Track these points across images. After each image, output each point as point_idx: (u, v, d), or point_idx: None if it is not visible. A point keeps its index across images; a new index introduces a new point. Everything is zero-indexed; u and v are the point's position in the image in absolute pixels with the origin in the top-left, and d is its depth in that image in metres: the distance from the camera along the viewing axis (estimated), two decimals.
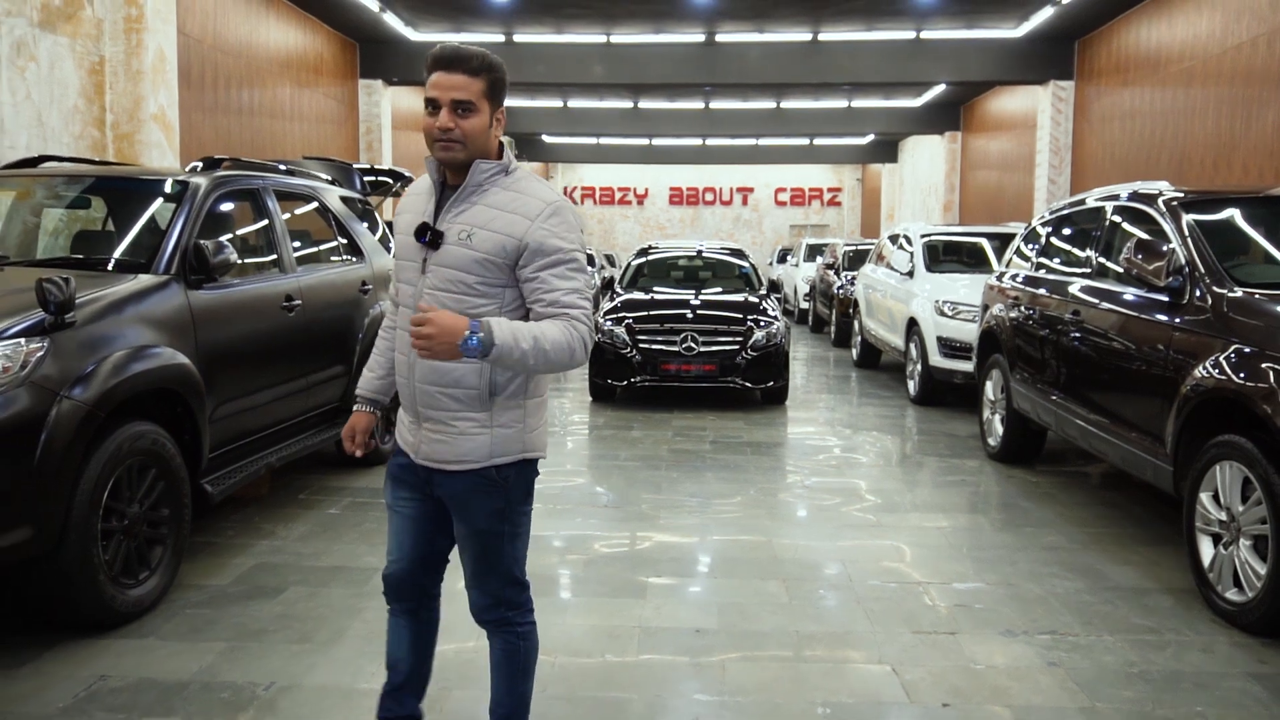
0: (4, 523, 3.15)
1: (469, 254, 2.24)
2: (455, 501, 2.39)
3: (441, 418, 2.31)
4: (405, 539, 2.49)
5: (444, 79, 2.23)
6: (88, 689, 3.13)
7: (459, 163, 2.27)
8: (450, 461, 2.32)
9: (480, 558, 2.41)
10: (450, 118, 2.22)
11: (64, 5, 7.33)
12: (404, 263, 2.37)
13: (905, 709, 3.10)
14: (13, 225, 5.16)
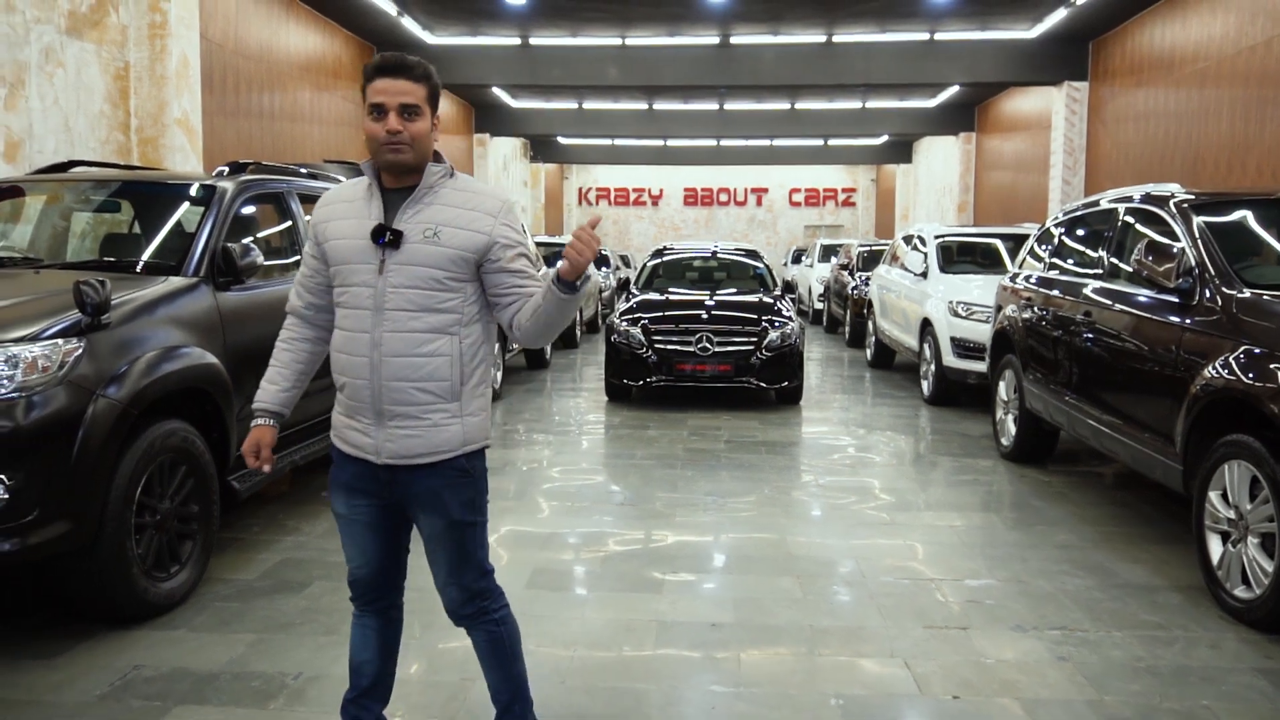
0: (43, 517, 3.26)
1: (440, 250, 2.31)
2: (426, 497, 2.40)
3: (412, 412, 2.34)
4: (368, 545, 2.49)
5: (390, 84, 2.29)
6: (123, 678, 3.24)
7: (406, 165, 2.33)
8: (423, 455, 2.36)
9: (456, 551, 2.44)
10: (399, 121, 2.29)
11: (90, 12, 7.48)
12: (353, 266, 2.35)
13: (916, 701, 3.17)
14: (43, 229, 5.29)
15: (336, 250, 2.39)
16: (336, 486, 2.48)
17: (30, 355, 3.32)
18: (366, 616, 2.58)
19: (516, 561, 4.52)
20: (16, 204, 5.35)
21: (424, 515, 2.43)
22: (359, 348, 2.35)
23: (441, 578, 2.48)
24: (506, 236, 2.37)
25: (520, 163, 25.56)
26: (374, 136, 2.31)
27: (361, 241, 2.34)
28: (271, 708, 3.05)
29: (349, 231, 2.37)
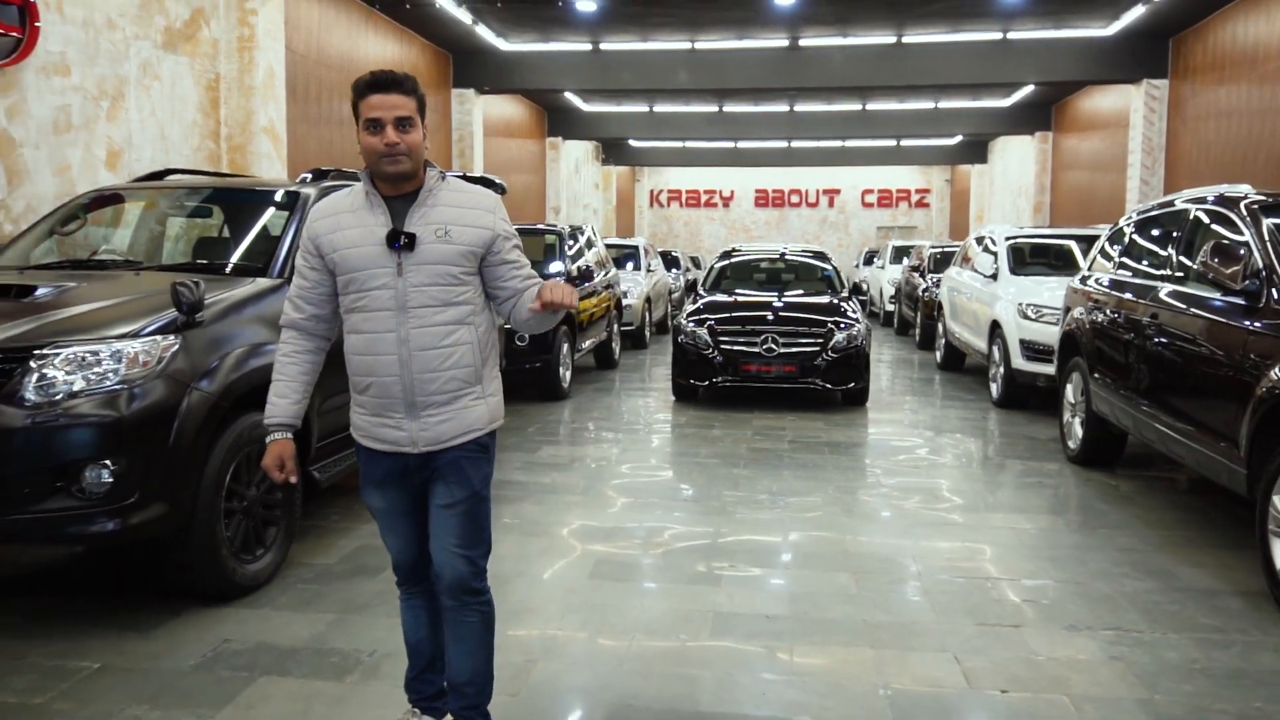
0: (142, 500, 3.53)
1: (452, 248, 2.48)
2: (452, 469, 2.54)
3: (443, 400, 2.50)
4: (408, 531, 2.64)
5: (384, 99, 2.42)
6: (214, 650, 3.48)
7: (405, 173, 2.46)
8: (457, 435, 2.52)
9: (470, 522, 2.57)
10: (395, 133, 2.42)
11: (184, 28, 7.89)
12: (369, 272, 2.46)
13: (964, 694, 3.24)
14: (141, 233, 5.63)
15: (349, 259, 2.48)
16: (369, 484, 2.62)
17: (132, 351, 3.59)
18: (414, 598, 2.72)
19: (581, 553, 4.68)
20: (117, 210, 5.71)
21: (445, 486, 2.55)
22: (386, 347, 2.47)
23: (450, 547, 2.56)
24: (504, 230, 2.57)
25: (592, 165, 25.85)
26: (372, 149, 2.43)
27: (374, 248, 2.46)
28: (348, 681, 3.26)
29: (358, 240, 2.48)
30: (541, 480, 6.10)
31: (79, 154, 6.67)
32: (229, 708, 3.07)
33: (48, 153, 6.39)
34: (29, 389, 3.44)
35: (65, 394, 3.46)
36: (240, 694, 3.16)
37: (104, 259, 5.04)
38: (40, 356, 3.48)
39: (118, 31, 7.05)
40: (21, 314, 3.71)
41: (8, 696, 3.13)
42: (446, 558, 2.56)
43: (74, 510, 3.45)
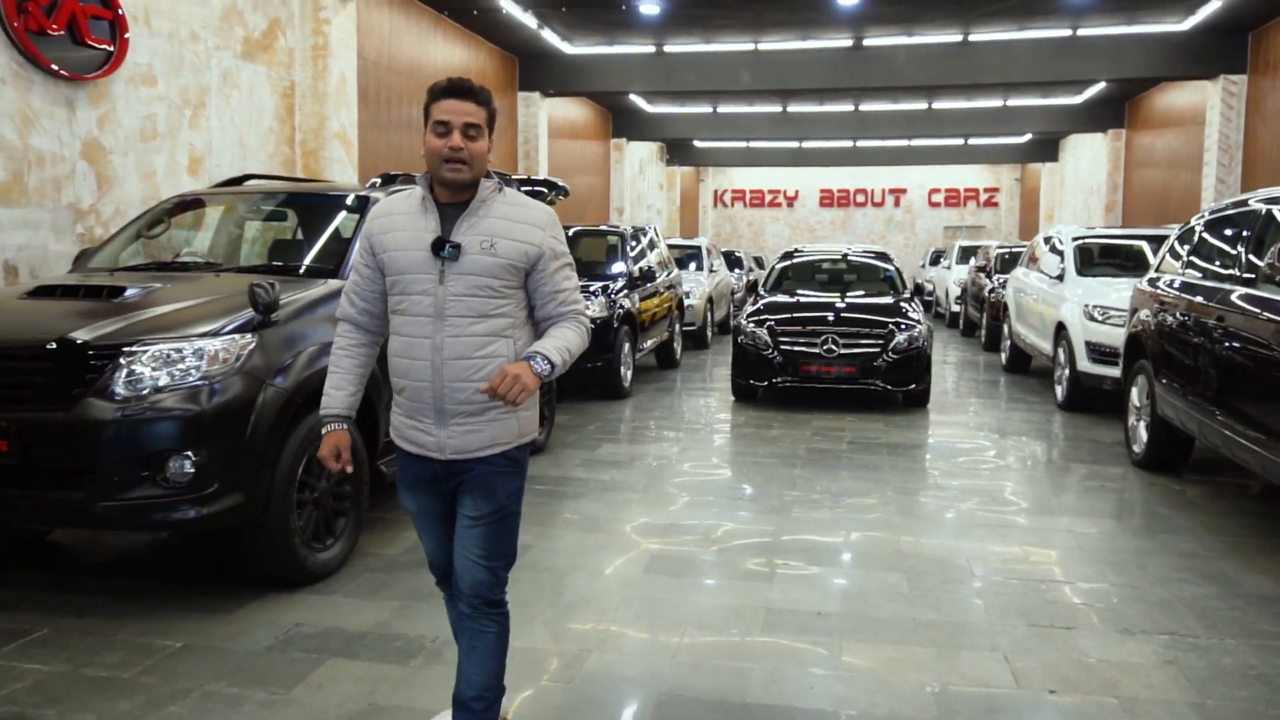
0: (221, 490, 3.74)
1: (495, 261, 2.47)
2: (479, 483, 2.54)
3: (474, 410, 2.49)
4: (441, 535, 2.65)
5: (457, 105, 2.44)
6: (286, 633, 3.67)
7: (464, 182, 2.47)
8: (485, 447, 2.52)
9: (496, 535, 2.57)
10: (461, 139, 2.43)
11: (262, 38, 8.19)
12: (413, 276, 2.48)
13: (1011, 693, 3.27)
14: (220, 236, 5.90)
15: (396, 261, 2.51)
16: (403, 485, 2.65)
17: (213, 348, 3.80)
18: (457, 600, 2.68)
19: (638, 548, 4.79)
20: (198, 214, 5.98)
21: (472, 499, 2.55)
22: (421, 352, 2.48)
23: (474, 556, 2.57)
24: (554, 248, 2.55)
25: (656, 166, 25.97)
26: (436, 152, 2.44)
27: (421, 253, 2.47)
28: (412, 665, 3.41)
29: (407, 243, 2.49)
30: (601, 477, 6.23)
31: (164, 160, 7.00)
32: (300, 686, 3.24)
33: (135, 159, 6.72)
34: (119, 384, 3.66)
35: (152, 389, 3.68)
36: (311, 674, 3.34)
37: (186, 261, 5.30)
38: (129, 353, 3.71)
39: (200, 43, 7.37)
40: (113, 313, 3.95)
41: (99, 670, 3.35)
42: (467, 565, 2.58)
43: (159, 498, 3.66)
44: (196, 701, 3.13)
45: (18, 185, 5.82)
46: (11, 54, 5.77)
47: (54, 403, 3.64)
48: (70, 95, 6.19)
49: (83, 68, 6.20)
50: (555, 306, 2.58)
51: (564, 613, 3.92)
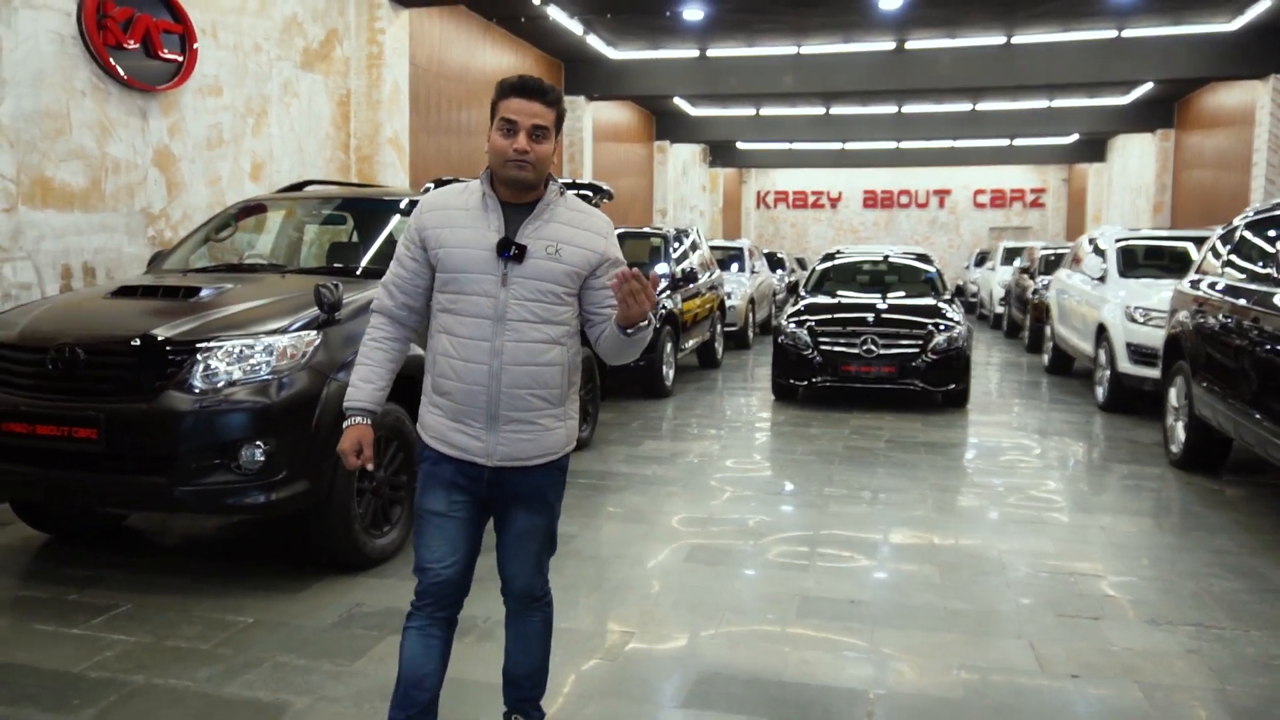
0: (289, 477, 4.00)
1: (559, 267, 2.43)
2: (530, 496, 2.52)
3: (528, 417, 2.44)
4: (461, 542, 2.51)
5: (525, 105, 2.37)
6: (349, 612, 3.92)
7: (526, 183, 2.41)
8: (535, 456, 2.47)
9: (545, 544, 2.60)
10: (527, 141, 2.37)
11: (320, 48, 8.52)
12: (473, 275, 2.41)
13: (1035, 676, 3.42)
14: (281, 239, 6.20)
15: (455, 258, 2.42)
16: (435, 484, 2.50)
17: (282, 345, 4.07)
18: (434, 626, 2.56)
19: (679, 539, 4.99)
20: (260, 218, 6.29)
21: (523, 512, 2.53)
22: (477, 355, 2.41)
23: (526, 569, 2.59)
24: (614, 255, 2.53)
25: (699, 168, 26.14)
26: (501, 151, 2.38)
27: (484, 252, 2.40)
28: (465, 642, 3.63)
29: (469, 241, 2.41)
30: (643, 472, 6.43)
31: (228, 167, 7.33)
32: (362, 660, 3.49)
33: (201, 166, 7.06)
34: (196, 378, 3.94)
35: (226, 382, 3.96)
36: (372, 649, 3.58)
37: (253, 263, 5.60)
38: (205, 349, 3.99)
39: (263, 54, 7.71)
40: (189, 312, 4.24)
41: (180, 641, 3.62)
42: (522, 572, 2.59)
43: (232, 484, 3.93)
44: (269, 671, 3.38)
45: (96, 191, 6.18)
46: (92, 68, 6.13)
47: (137, 395, 3.93)
48: (144, 106, 6.54)
49: (155, 79, 6.55)
50: (609, 311, 2.50)
51: (607, 598, 4.13)
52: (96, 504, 4.45)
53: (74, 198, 6.03)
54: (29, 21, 5.71)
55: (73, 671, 3.37)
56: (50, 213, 5.88)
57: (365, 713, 3.09)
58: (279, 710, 3.11)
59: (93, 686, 3.26)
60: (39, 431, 3.99)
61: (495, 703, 2.89)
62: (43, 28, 5.80)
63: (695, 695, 3.25)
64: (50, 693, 3.22)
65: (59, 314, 4.37)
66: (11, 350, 4.16)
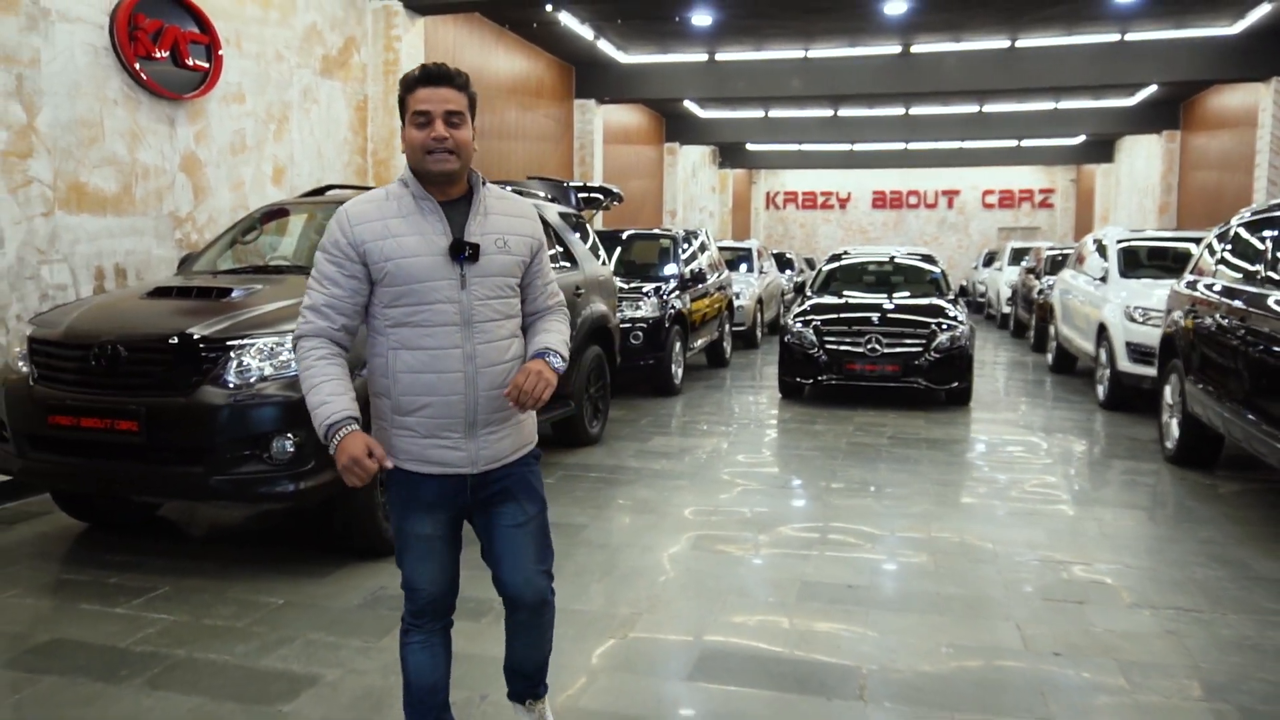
0: (317, 467, 4.22)
1: (510, 259, 2.41)
2: (520, 486, 2.50)
3: (503, 417, 2.42)
4: (448, 560, 2.51)
5: (434, 93, 2.28)
6: (373, 594, 4.16)
7: (452, 173, 2.32)
8: (515, 451, 2.48)
9: (541, 535, 2.56)
10: (445, 128, 2.28)
11: (339, 55, 8.78)
12: (431, 284, 2.30)
13: (1019, 654, 3.63)
14: (303, 241, 6.44)
15: (407, 269, 2.29)
16: (415, 509, 2.43)
17: None
18: (434, 636, 2.57)
19: (685, 529, 5.21)
20: (281, 222, 6.54)
21: (516, 504, 2.49)
22: (450, 364, 2.33)
23: (528, 568, 2.53)
24: (543, 239, 2.55)
25: (709, 169, 26.35)
26: (419, 144, 2.29)
27: (436, 258, 2.30)
28: (483, 621, 3.87)
29: (416, 248, 2.30)
30: (652, 466, 6.65)
31: (251, 171, 7.59)
32: (388, 638, 3.72)
33: (226, 171, 7.32)
34: (230, 373, 4.19)
35: (258, 377, 4.20)
36: (395, 628, 3.77)
37: (279, 264, 5.85)
38: (238, 347, 4.23)
39: (284, 62, 7.96)
40: (221, 312, 4.48)
41: (217, 620, 3.87)
42: (529, 578, 2.53)
43: (263, 473, 4.18)
44: (301, 647, 3.62)
45: (127, 196, 6.44)
46: (123, 78, 6.39)
47: (175, 389, 4.18)
48: (171, 113, 6.80)
49: (182, 88, 6.81)
50: (545, 299, 2.57)
51: (617, 582, 4.36)
52: (137, 493, 4.71)
53: (106, 202, 6.29)
54: (65, 34, 5.98)
55: (119, 646, 3.62)
56: (85, 217, 6.14)
57: (392, 684, 3.32)
58: (312, 681, 3.35)
59: (138, 659, 3.51)
60: (83, 424, 4.24)
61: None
62: (78, 40, 6.06)
63: (699, 670, 3.47)
64: (100, 664, 3.46)
65: (99, 313, 4.62)
66: (56, 348, 4.42)
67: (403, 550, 2.51)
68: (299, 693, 3.26)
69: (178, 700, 3.19)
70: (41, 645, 3.64)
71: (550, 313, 2.59)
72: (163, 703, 3.18)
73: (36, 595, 4.19)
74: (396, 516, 2.50)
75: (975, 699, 3.26)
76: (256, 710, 3.14)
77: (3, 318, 5.65)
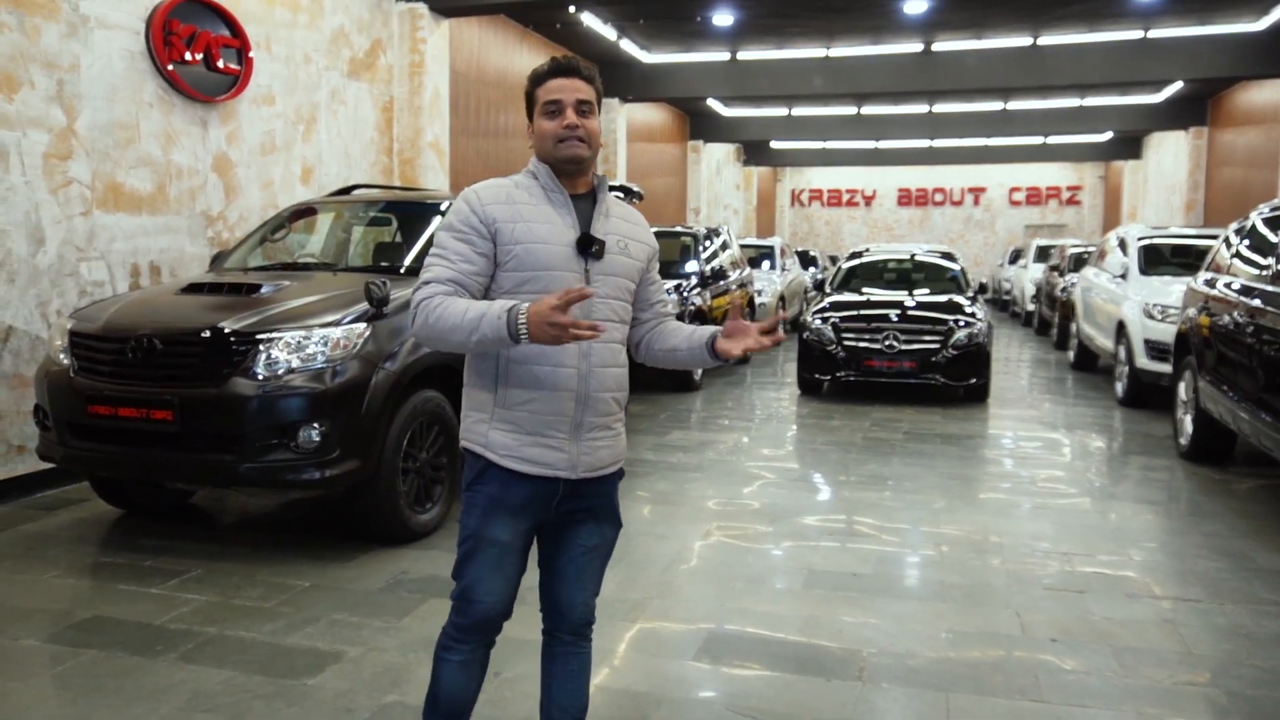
0: (341, 456, 4.42)
1: (631, 263, 2.37)
2: (604, 508, 2.40)
3: (607, 422, 2.34)
4: (514, 575, 2.34)
5: (565, 83, 2.29)
6: (395, 579, 4.33)
7: (583, 161, 2.30)
8: (611, 464, 2.37)
9: (606, 560, 2.46)
10: (576, 116, 2.28)
11: (365, 57, 8.98)
12: (556, 273, 2.24)
13: (1017, 640, 3.74)
14: (330, 239, 6.64)
15: (536, 255, 2.24)
16: (500, 512, 2.27)
17: (335, 336, 4.49)
18: (479, 650, 2.41)
19: (700, 520, 5.35)
20: (310, 220, 6.74)
21: (597, 524, 2.40)
22: (566, 358, 2.25)
23: (587, 593, 2.43)
24: (657, 249, 2.51)
25: (733, 167, 26.41)
26: (550, 134, 2.28)
27: (564, 249, 2.25)
28: None
29: (548, 236, 2.26)
30: (670, 460, 6.80)
31: (280, 171, 7.81)
32: (408, 618, 3.89)
33: (256, 171, 7.53)
34: (259, 366, 4.37)
35: (285, 369, 4.38)
36: (417, 609, 3.98)
37: (307, 262, 6.04)
38: (267, 340, 4.42)
39: (312, 64, 8.17)
40: (251, 307, 4.67)
41: (245, 601, 4.06)
42: (580, 600, 2.42)
43: (291, 462, 4.36)
44: (326, 626, 3.80)
45: (161, 196, 6.66)
46: (159, 82, 6.61)
47: (208, 381, 4.38)
48: (204, 116, 7.02)
49: (214, 91, 7.03)
50: (661, 306, 2.52)
51: (630, 568, 4.50)
52: (171, 479, 4.92)
53: (142, 202, 6.52)
54: (103, 40, 6.20)
55: (154, 623, 3.81)
56: (121, 216, 6.37)
57: (411, 660, 3.49)
58: (336, 657, 3.52)
59: (172, 635, 3.70)
60: (120, 414, 4.45)
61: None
62: (115, 46, 6.28)
63: (706, 650, 3.62)
64: (136, 639, 3.66)
65: (136, 308, 4.83)
66: (95, 341, 4.63)
67: (470, 557, 2.31)
68: (323, 668, 3.43)
69: (209, 673, 3.38)
70: (82, 622, 3.84)
71: (669, 319, 2.53)
72: (195, 675, 3.36)
73: (77, 576, 4.41)
74: (475, 519, 2.29)
75: (970, 681, 3.38)
76: (283, 683, 3.31)
77: (44, 313, 5.88)
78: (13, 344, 5.74)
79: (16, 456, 5.79)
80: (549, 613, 2.46)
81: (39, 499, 5.64)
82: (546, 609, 2.46)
